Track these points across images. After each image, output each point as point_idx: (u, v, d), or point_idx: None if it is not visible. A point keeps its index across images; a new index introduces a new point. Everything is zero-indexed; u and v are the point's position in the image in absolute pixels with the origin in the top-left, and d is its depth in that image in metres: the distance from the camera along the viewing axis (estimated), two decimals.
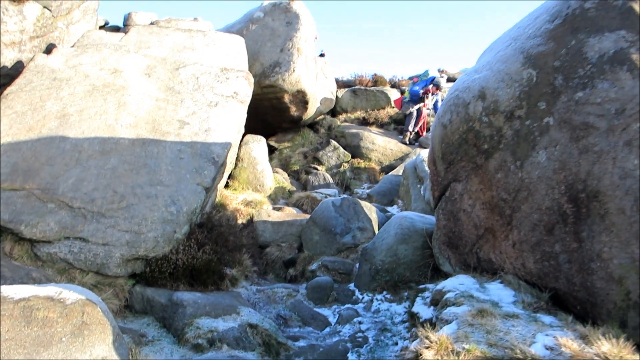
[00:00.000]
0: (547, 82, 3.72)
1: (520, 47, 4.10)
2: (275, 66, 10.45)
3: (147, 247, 4.84)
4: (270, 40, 10.75)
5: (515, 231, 3.95)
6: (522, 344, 2.60)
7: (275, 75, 10.38)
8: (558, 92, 3.62)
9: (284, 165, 11.15)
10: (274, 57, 10.56)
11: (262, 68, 10.46)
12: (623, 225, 3.08)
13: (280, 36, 10.78)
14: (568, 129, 3.50)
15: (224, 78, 7.15)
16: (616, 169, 3.14)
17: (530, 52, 3.94)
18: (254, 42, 10.61)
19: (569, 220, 3.46)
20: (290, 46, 10.65)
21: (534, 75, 3.84)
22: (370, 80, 15.95)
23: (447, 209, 4.79)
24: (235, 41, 8.34)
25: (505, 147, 4.02)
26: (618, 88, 3.24)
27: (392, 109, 14.44)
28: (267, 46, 10.68)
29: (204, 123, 6.20)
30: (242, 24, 11.04)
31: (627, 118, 3.16)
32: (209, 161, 5.75)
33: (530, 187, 3.77)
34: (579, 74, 3.50)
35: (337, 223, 6.62)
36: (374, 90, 14.88)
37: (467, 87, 4.49)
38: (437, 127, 4.86)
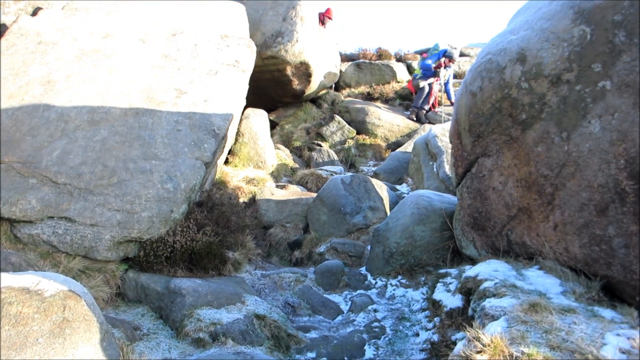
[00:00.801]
0: (605, 39, 3.21)
1: (569, 2, 3.57)
2: (278, 36, 9.87)
3: (141, 228, 4.35)
4: (272, 8, 10.13)
5: (557, 211, 3.49)
6: (591, 346, 2.16)
7: (277, 45, 9.80)
8: (619, 51, 3.12)
9: (286, 142, 10.65)
10: (276, 26, 9.97)
11: (263, 38, 9.86)
12: None
13: (283, 4, 10.16)
14: (631, 93, 3.00)
15: (224, 45, 6.60)
16: None
17: (583, 6, 3.42)
18: (255, 11, 9.99)
19: (628, 200, 2.99)
20: (293, 15, 10.05)
21: (587, 32, 3.32)
22: (375, 54, 15.35)
23: (472, 186, 4.32)
24: (236, 7, 7.76)
25: (548, 117, 3.53)
26: None
27: (397, 83, 13.92)
28: (269, 15, 10.07)
29: (203, 92, 5.68)
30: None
31: None
32: (209, 133, 5.24)
33: (579, 162, 3.29)
34: None
35: (347, 202, 6.16)
36: (378, 64, 14.32)
37: (502, 50, 3.98)
38: (463, 96, 4.36)
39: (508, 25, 4.73)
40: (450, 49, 12.09)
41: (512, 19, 4.80)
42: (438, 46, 12.15)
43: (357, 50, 15.72)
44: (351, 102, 12.15)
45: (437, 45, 12.19)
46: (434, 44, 12.31)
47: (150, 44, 6.13)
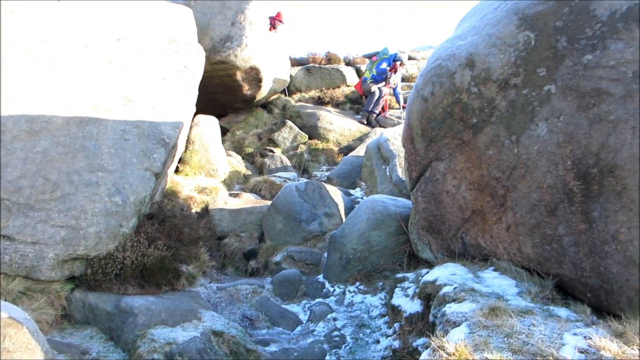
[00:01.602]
0: (548, 45, 3.32)
1: (513, 8, 3.68)
2: (227, 40, 9.70)
3: (88, 244, 4.13)
4: (221, 12, 9.95)
5: (509, 213, 3.58)
6: (551, 348, 2.20)
7: (226, 50, 9.63)
8: (561, 55, 3.23)
9: (237, 148, 10.47)
10: (225, 30, 9.80)
11: (212, 43, 9.67)
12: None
13: (232, 8, 10.00)
14: (575, 96, 3.11)
15: (172, 50, 6.42)
16: (636, 140, 2.78)
17: (526, 12, 3.52)
18: (203, 15, 9.78)
19: (576, 199, 3.10)
20: (242, 19, 9.91)
21: (531, 38, 3.43)
22: (324, 58, 15.39)
23: (427, 190, 4.37)
24: (183, 11, 7.57)
25: (498, 121, 3.61)
26: (635, 48, 2.87)
27: (347, 87, 14.00)
28: (217, 19, 9.88)
29: (152, 99, 5.48)
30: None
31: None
32: (158, 143, 5.06)
33: (529, 164, 3.39)
34: (587, 34, 3.11)
35: (302, 209, 6.11)
36: (328, 68, 14.37)
37: (451, 55, 4.05)
38: (415, 101, 4.41)
39: (455, 30, 4.83)
40: (400, 53, 12.27)
41: (459, 24, 4.90)
42: (387, 50, 12.25)
43: (306, 55, 15.73)
44: (302, 107, 12.12)
45: (386, 50, 12.29)
46: (383, 48, 12.40)
47: (94, 49, 5.86)
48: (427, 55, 18.30)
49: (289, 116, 11.77)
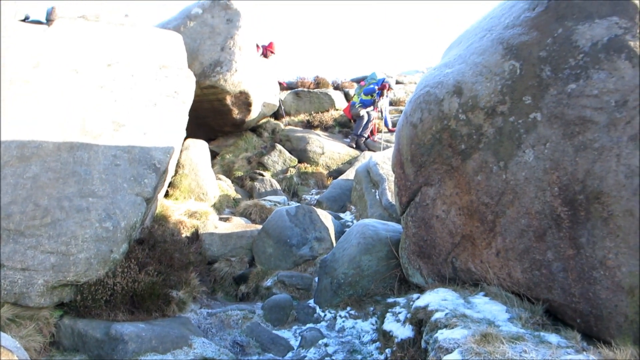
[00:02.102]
0: (533, 74, 3.43)
1: (498, 38, 3.80)
2: (216, 65, 9.81)
3: (78, 270, 4.11)
4: (210, 38, 10.08)
5: (499, 238, 3.64)
6: None
7: (216, 75, 9.72)
8: (546, 84, 3.34)
9: (227, 172, 10.48)
10: (215, 56, 9.91)
11: (201, 67, 9.77)
12: (632, 229, 2.81)
13: (221, 34, 10.14)
14: (560, 124, 3.21)
15: (162, 76, 6.48)
16: (621, 167, 2.87)
17: (511, 42, 3.65)
18: (193, 40, 9.90)
19: (564, 225, 3.17)
20: (231, 45, 10.04)
21: (517, 67, 3.54)
22: (313, 82, 15.57)
23: (417, 215, 4.42)
24: (173, 38, 7.66)
25: (485, 147, 3.70)
26: (617, 78, 2.98)
27: (336, 111, 14.14)
28: (207, 44, 10.00)
29: (142, 125, 5.51)
30: (179, 21, 10.29)
31: (630, 110, 2.90)
32: (149, 168, 5.08)
33: (517, 190, 3.47)
34: (570, 64, 3.23)
35: (293, 234, 6.12)
36: (317, 92, 14.52)
37: (439, 83, 4.15)
38: (404, 127, 4.49)
39: (442, 58, 4.95)
40: (387, 77, 12.48)
41: (446, 52, 5.03)
42: (375, 75, 12.47)
43: (295, 79, 15.89)
44: (292, 131, 12.21)
45: (374, 74, 12.50)
46: (371, 73, 12.61)
47: (85, 74, 5.90)
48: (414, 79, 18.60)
49: (279, 140, 11.83)
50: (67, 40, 6.36)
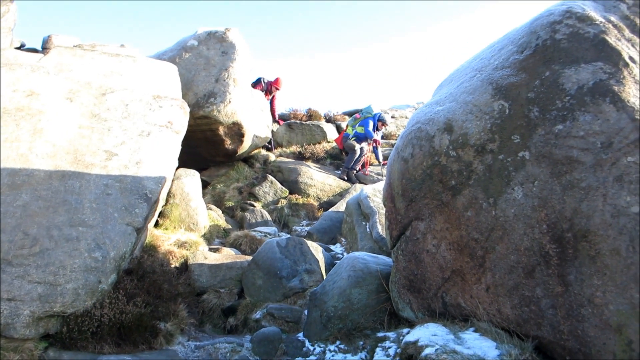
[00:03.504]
0: (522, 114, 3.53)
1: (488, 78, 3.92)
2: (210, 96, 9.92)
3: (65, 301, 4.05)
4: (205, 69, 10.23)
5: (489, 274, 3.66)
6: None
7: (210, 106, 9.83)
8: (534, 124, 3.43)
9: (218, 202, 10.48)
10: (209, 87, 10.04)
11: (195, 98, 9.88)
12: (618, 268, 2.85)
13: (216, 66, 10.30)
14: (548, 163, 3.29)
15: (156, 106, 6.54)
16: (607, 207, 2.93)
17: (500, 83, 3.76)
18: (187, 71, 10.04)
19: (553, 262, 3.21)
20: (226, 76, 10.19)
21: (506, 107, 3.64)
22: (305, 114, 15.78)
23: (407, 249, 4.44)
24: (168, 68, 7.77)
25: (475, 183, 3.76)
26: (602, 120, 3.08)
27: (327, 143, 14.29)
28: (202, 75, 10.14)
29: (135, 154, 5.54)
30: (175, 52, 10.47)
31: (615, 152, 2.98)
32: (140, 197, 5.08)
33: (506, 226, 3.51)
34: (557, 105, 3.33)
35: (283, 265, 6.10)
36: (309, 124, 14.69)
37: (430, 120, 4.25)
38: (396, 162, 4.56)
39: (433, 95, 5.07)
40: (383, 113, 12.61)
41: (437, 90, 5.15)
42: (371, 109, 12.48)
43: (288, 111, 16.09)
44: (283, 162, 12.28)
45: (370, 108, 12.52)
46: (367, 106, 12.62)
47: (79, 103, 5.95)
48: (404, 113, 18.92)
49: (270, 170, 11.89)
50: (62, 69, 6.43)
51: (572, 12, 3.51)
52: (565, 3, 3.67)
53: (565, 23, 3.49)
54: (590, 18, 3.43)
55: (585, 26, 3.40)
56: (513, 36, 3.98)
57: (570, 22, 3.47)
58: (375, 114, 12.38)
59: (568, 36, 3.47)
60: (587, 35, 3.40)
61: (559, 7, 3.64)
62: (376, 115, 12.33)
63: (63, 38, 8.93)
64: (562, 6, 3.62)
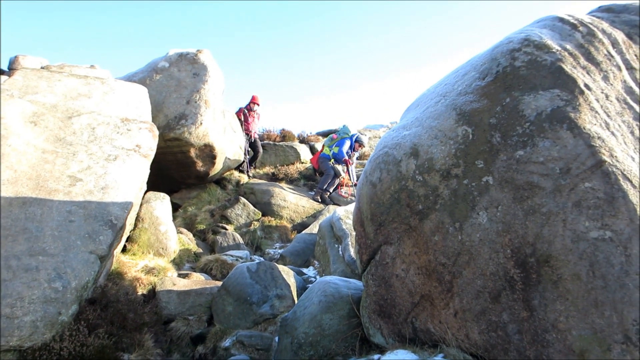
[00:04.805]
0: (484, 139, 3.58)
1: (452, 104, 3.98)
2: (181, 118, 9.86)
3: (22, 334, 3.90)
4: (176, 91, 10.18)
5: (456, 299, 3.67)
6: None
7: (181, 127, 9.76)
8: (496, 150, 3.48)
9: (189, 225, 10.34)
10: (180, 109, 9.98)
11: (166, 120, 9.80)
12: (580, 293, 2.88)
13: (187, 87, 10.26)
14: (510, 188, 3.34)
15: (124, 129, 6.45)
16: (567, 232, 2.98)
17: (464, 108, 3.82)
18: (158, 93, 9.97)
19: (517, 287, 3.23)
20: (197, 98, 10.15)
21: (469, 132, 3.69)
22: (279, 135, 15.81)
23: (377, 274, 4.43)
24: (138, 90, 7.70)
25: (442, 208, 3.78)
26: (560, 147, 3.15)
27: (301, 164, 14.30)
28: (173, 97, 10.08)
29: (101, 179, 5.43)
30: (145, 74, 10.39)
31: (573, 178, 3.04)
32: (105, 224, 4.96)
33: (472, 251, 3.53)
34: (518, 131, 3.39)
35: (253, 291, 6.02)
36: (283, 145, 14.71)
37: (397, 144, 4.28)
38: (364, 186, 4.57)
39: (401, 119, 5.13)
40: (360, 134, 12.66)
41: (405, 114, 5.20)
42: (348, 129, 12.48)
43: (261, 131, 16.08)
44: (256, 183, 12.23)
45: (346, 128, 12.50)
46: (343, 126, 12.60)
47: (43, 127, 5.83)
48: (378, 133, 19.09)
49: (243, 192, 11.82)
50: (27, 92, 6.31)
51: (530, 40, 3.61)
52: (523, 31, 3.78)
53: (523, 51, 3.58)
54: (547, 46, 3.53)
55: (542, 54, 3.50)
56: (475, 62, 4.06)
57: (528, 50, 3.56)
58: (352, 134, 12.42)
59: (527, 63, 3.56)
60: (545, 62, 3.50)
61: (518, 35, 3.74)
62: (353, 135, 12.38)
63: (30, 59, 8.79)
64: (521, 34, 3.72)
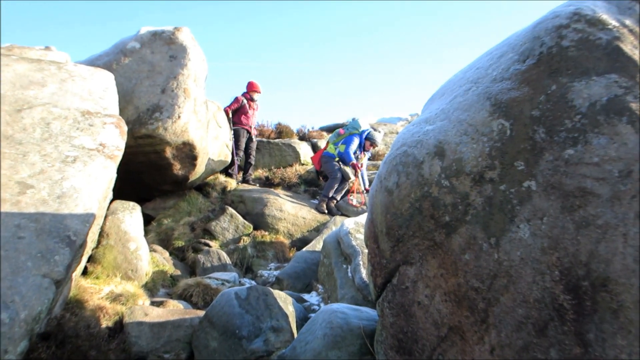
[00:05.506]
0: (525, 135, 3.59)
1: (485, 92, 3.99)
2: (155, 111, 9.92)
3: None
4: (149, 77, 10.24)
5: (493, 331, 3.67)
6: None
7: (154, 122, 9.82)
8: (540, 148, 3.49)
9: (164, 241, 10.40)
10: (153, 99, 10.04)
11: (137, 113, 9.86)
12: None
13: (162, 73, 10.33)
14: (558, 195, 3.34)
15: (86, 125, 6.51)
16: (629, 249, 2.98)
17: (499, 98, 3.83)
18: (127, 80, 10.04)
19: (568, 317, 3.23)
20: (174, 86, 10.22)
21: (507, 127, 3.71)
22: (274, 130, 15.88)
23: (395, 301, 4.44)
24: (103, 77, 7.76)
25: (473, 220, 3.79)
26: (619, 144, 3.15)
27: (301, 166, 14.34)
28: (145, 85, 10.15)
29: (57, 186, 5.47)
30: (111, 57, 10.46)
31: (635, 182, 3.05)
32: (62, 241, 4.99)
33: (512, 273, 3.53)
34: (567, 126, 3.40)
35: (243, 323, 6.04)
36: (279, 143, 14.77)
37: (418, 141, 4.30)
38: (378, 192, 4.59)
39: (423, 111, 5.14)
40: (373, 131, 12.47)
41: (427, 104, 5.22)
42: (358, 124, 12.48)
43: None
44: (246, 190, 12.29)
45: (356, 123, 12.41)
46: (353, 120, 12.48)
47: None
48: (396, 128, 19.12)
49: (230, 201, 11.88)
50: None
51: (580, 14, 3.63)
52: (572, 3, 3.79)
53: (573, 27, 3.60)
54: (602, 22, 3.55)
55: (596, 31, 3.51)
56: (514, 42, 4.08)
57: (579, 27, 3.58)
58: (362, 130, 12.30)
59: (577, 43, 3.57)
60: (599, 42, 3.51)
61: (566, 8, 3.75)
62: (364, 132, 12.27)
63: None
64: (569, 7, 3.73)
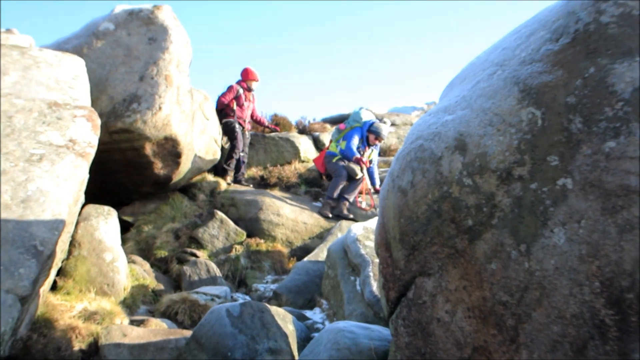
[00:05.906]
0: (560, 126, 3.56)
1: (512, 76, 3.96)
2: (132, 101, 9.90)
3: None
4: (125, 63, 10.22)
5: (524, 352, 3.65)
6: None
7: (132, 114, 9.80)
8: (577, 141, 3.46)
9: (145, 251, 10.39)
10: (131, 88, 10.02)
11: (112, 104, 9.85)
12: None
13: (140, 58, 10.31)
14: (597, 195, 3.31)
15: (53, 118, 6.49)
16: None
17: (529, 83, 3.80)
18: (100, 66, 10.02)
19: (611, 335, 3.20)
20: (154, 73, 10.19)
21: (538, 116, 3.67)
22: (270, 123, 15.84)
23: (410, 317, 4.43)
24: (72, 64, 7.76)
25: (500, 224, 3.76)
26: None
27: (301, 163, 14.32)
28: (120, 72, 10.13)
29: (20, 189, 5.47)
30: (82, 39, 10.44)
31: None
32: (27, 252, 4.99)
33: (545, 284, 3.51)
34: (607, 114, 3.36)
35: (236, 344, 6.03)
36: (275, 137, 14.74)
37: (436, 134, 4.27)
38: (390, 193, 4.56)
39: (441, 99, 5.10)
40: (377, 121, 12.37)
41: (446, 90, 5.18)
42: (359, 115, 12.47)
43: None
44: (239, 192, 12.27)
45: (358, 114, 12.50)
46: (354, 112, 12.38)
47: None
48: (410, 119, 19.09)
49: (220, 204, 11.87)
50: None
51: None
52: None
53: (613, 0, 3.57)
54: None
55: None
56: (545, 18, 4.05)
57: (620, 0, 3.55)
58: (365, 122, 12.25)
59: (618, 18, 3.54)
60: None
61: None
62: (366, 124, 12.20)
63: None
64: None
